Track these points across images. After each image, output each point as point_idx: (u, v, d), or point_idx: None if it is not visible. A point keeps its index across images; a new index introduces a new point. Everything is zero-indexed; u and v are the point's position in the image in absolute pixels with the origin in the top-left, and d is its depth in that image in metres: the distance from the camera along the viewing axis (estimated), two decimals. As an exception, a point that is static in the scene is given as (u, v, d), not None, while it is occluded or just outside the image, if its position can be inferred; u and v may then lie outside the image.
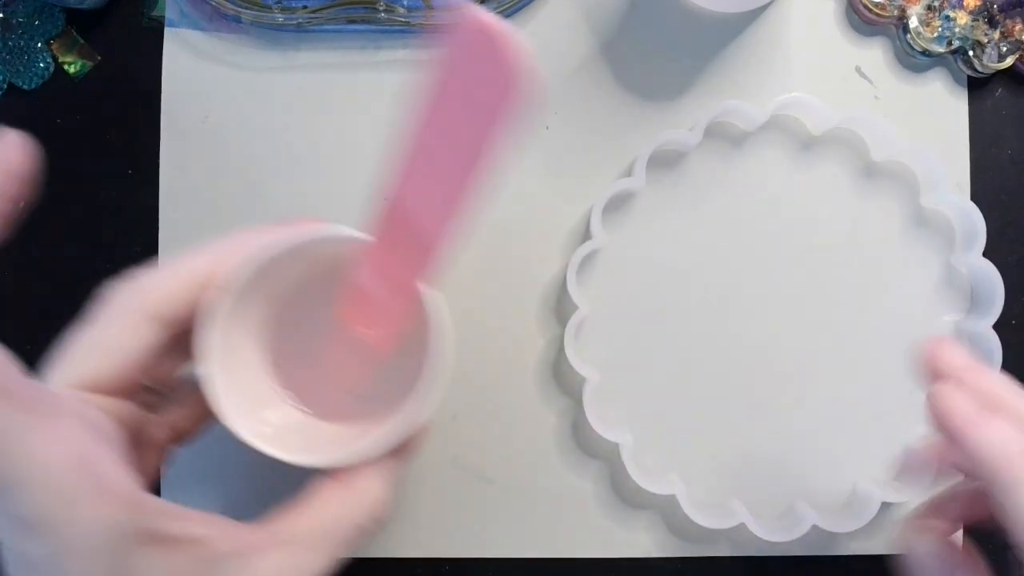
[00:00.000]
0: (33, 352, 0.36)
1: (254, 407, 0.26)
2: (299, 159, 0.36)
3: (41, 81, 0.36)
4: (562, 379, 0.36)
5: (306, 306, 0.28)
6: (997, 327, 0.34)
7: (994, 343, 0.34)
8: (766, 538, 0.34)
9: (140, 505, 0.21)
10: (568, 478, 0.36)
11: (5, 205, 0.19)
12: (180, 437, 0.27)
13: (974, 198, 0.36)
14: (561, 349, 0.35)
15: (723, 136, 0.36)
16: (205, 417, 0.27)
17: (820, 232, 0.36)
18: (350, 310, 0.26)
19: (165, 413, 0.27)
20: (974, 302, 0.36)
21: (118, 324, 0.23)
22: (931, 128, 0.36)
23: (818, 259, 0.36)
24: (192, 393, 0.27)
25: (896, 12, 0.35)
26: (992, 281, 0.34)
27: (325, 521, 0.24)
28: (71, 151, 0.37)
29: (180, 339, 0.25)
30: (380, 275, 0.25)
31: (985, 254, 0.34)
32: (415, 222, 0.22)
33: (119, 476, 0.21)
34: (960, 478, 0.29)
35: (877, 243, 0.36)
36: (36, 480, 0.19)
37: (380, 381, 0.28)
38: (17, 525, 0.19)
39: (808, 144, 0.36)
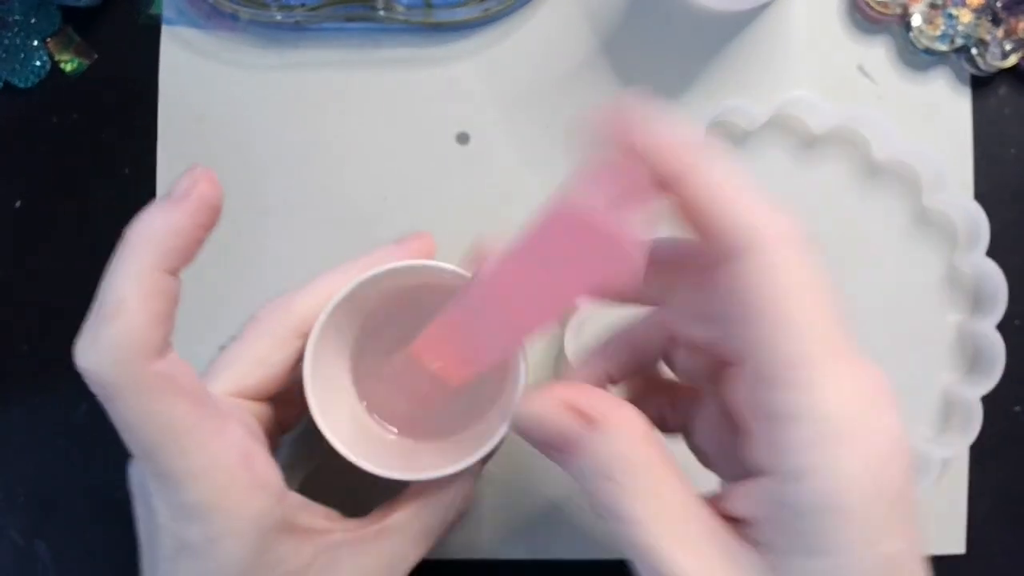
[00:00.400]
0: (31, 351, 0.36)
1: (338, 416, 0.28)
2: (297, 158, 0.36)
3: (37, 79, 0.36)
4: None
5: (388, 325, 0.30)
6: (1001, 327, 0.34)
7: (997, 343, 0.34)
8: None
9: (283, 498, 0.24)
10: (568, 479, 0.35)
11: (205, 233, 0.22)
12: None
13: (977, 197, 0.36)
14: (561, 349, 0.34)
15: (724, 135, 0.36)
16: (295, 422, 0.30)
17: (822, 231, 0.36)
18: (429, 345, 0.27)
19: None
20: (977, 302, 0.36)
21: (267, 339, 0.26)
22: (934, 127, 0.36)
23: (819, 258, 0.36)
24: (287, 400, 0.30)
25: (899, 10, 0.35)
26: (996, 281, 0.34)
27: (421, 517, 0.27)
28: (67, 149, 0.36)
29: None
30: (453, 340, 0.26)
31: (989, 253, 0.34)
32: (479, 337, 0.24)
33: (270, 471, 0.24)
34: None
35: (880, 242, 0.36)
36: (206, 472, 0.21)
37: (448, 401, 0.29)
38: (179, 511, 0.22)
39: (810, 143, 0.36)
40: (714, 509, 0.19)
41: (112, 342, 0.20)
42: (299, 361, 0.27)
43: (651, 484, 0.18)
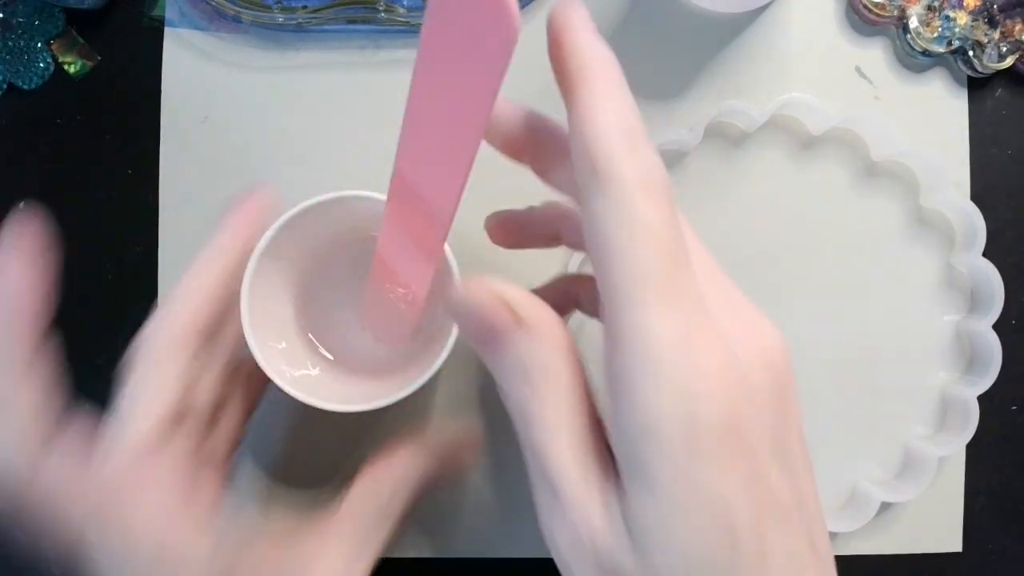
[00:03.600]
0: (33, 352, 0.36)
1: (286, 359, 0.30)
2: (299, 159, 0.36)
3: (41, 81, 0.36)
4: (562, 379, 0.36)
5: (332, 264, 0.32)
6: (997, 327, 0.34)
7: (994, 343, 0.34)
8: (766, 538, 0.34)
9: (236, 520, 0.25)
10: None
11: (37, 322, 0.23)
12: (235, 446, 0.30)
13: (974, 198, 0.36)
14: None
15: (723, 136, 0.36)
16: (259, 397, 0.31)
17: (820, 232, 0.36)
18: (380, 276, 0.28)
19: (222, 424, 0.29)
20: (974, 302, 0.36)
21: (162, 365, 0.25)
22: (931, 128, 0.36)
23: (818, 259, 0.36)
24: (238, 400, 0.30)
25: (896, 12, 0.35)
26: (992, 281, 0.34)
27: (371, 495, 0.28)
28: (71, 151, 0.37)
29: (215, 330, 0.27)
30: (399, 244, 0.26)
31: (985, 254, 0.34)
32: (422, 190, 0.24)
33: (212, 504, 0.25)
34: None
35: (877, 243, 0.36)
36: (139, 543, 0.23)
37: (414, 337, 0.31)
38: (135, 565, 0.23)
39: (808, 144, 0.36)
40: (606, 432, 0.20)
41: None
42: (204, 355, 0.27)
43: (561, 395, 0.19)
